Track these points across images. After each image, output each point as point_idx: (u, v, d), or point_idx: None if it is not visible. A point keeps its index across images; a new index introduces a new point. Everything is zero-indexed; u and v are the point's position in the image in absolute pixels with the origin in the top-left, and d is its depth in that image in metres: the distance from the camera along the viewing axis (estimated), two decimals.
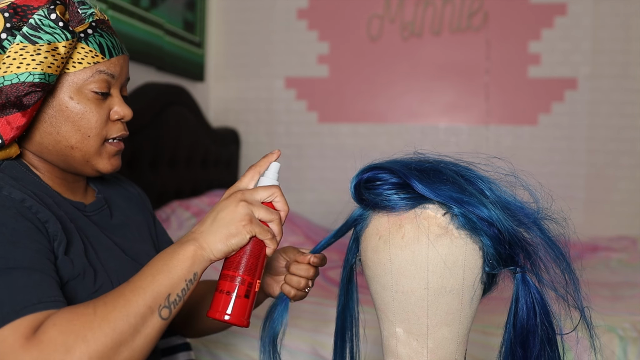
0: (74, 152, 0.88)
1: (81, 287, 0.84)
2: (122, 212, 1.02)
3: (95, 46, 0.86)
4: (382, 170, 0.72)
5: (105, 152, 0.91)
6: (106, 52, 0.87)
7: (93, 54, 0.86)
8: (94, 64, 0.86)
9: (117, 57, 0.88)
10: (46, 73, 0.81)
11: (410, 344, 0.72)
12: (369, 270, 0.75)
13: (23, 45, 0.81)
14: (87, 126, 0.87)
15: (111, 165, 0.92)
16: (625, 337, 1.46)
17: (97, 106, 0.87)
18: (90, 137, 0.87)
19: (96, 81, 0.86)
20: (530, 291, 0.69)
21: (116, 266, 0.90)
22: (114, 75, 0.88)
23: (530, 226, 0.68)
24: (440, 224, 0.69)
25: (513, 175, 0.70)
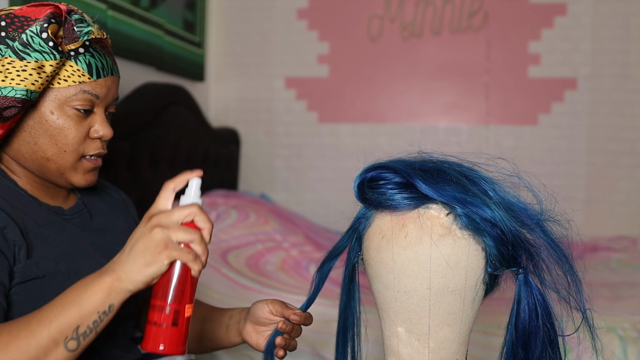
0: (49, 163, 0.89)
1: (49, 289, 0.84)
2: (104, 217, 1.03)
3: (83, 65, 0.87)
4: (385, 169, 0.72)
5: (81, 168, 0.92)
6: (94, 72, 0.88)
7: (80, 73, 0.87)
8: (79, 82, 0.87)
9: (104, 78, 0.89)
10: (29, 90, 0.82)
11: (412, 344, 0.72)
12: (371, 269, 0.75)
13: (11, 60, 0.82)
14: (64, 141, 0.88)
15: (85, 181, 0.93)
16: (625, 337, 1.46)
17: (77, 123, 0.89)
18: (67, 152, 0.89)
19: (79, 99, 0.87)
20: (533, 292, 0.69)
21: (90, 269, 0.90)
22: (99, 96, 0.89)
23: (533, 227, 0.68)
24: (443, 224, 0.69)
25: (517, 176, 0.70)
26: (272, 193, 2.97)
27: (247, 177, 3.04)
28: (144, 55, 2.23)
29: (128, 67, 2.15)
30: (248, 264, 1.89)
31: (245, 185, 3.03)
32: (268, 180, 3.01)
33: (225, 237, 1.98)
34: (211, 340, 1.04)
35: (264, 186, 3.01)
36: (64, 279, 0.87)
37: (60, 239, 0.90)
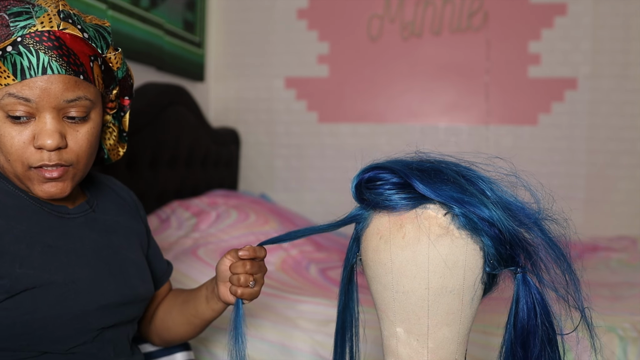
0: (6, 171, 0.85)
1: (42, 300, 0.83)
2: (112, 217, 1.01)
3: (9, 66, 0.78)
4: (383, 170, 0.72)
5: (35, 177, 0.84)
6: (19, 73, 0.78)
7: (5, 75, 0.78)
8: (5, 85, 0.79)
9: (33, 78, 0.78)
10: None
11: (411, 344, 0.72)
12: (370, 270, 0.75)
13: None
14: (5, 150, 0.82)
15: (44, 193, 0.85)
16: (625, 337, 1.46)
17: (15, 131, 0.80)
18: (11, 162, 0.82)
19: (7, 104, 0.79)
20: (531, 291, 0.69)
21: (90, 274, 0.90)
22: (30, 99, 0.79)
23: (531, 227, 0.68)
24: (441, 224, 0.69)
25: (514, 175, 0.70)
26: (272, 193, 2.97)
27: (247, 177, 3.04)
28: (144, 55, 2.23)
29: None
30: None
31: (245, 185, 3.03)
32: (268, 180, 3.01)
33: (225, 237, 1.98)
34: (198, 317, 1.04)
35: (264, 186, 3.01)
36: (60, 289, 0.85)
37: (60, 244, 0.88)
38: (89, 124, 0.87)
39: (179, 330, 1.07)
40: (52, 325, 0.85)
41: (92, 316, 0.89)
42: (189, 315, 1.05)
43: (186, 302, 1.06)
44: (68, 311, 0.86)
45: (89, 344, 0.91)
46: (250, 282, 0.90)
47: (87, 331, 0.89)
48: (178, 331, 1.07)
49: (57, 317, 0.85)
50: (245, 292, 0.90)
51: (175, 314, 1.07)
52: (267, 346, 1.47)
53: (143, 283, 1.01)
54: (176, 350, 1.16)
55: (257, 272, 0.91)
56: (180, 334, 1.08)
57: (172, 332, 1.08)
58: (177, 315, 1.07)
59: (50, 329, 0.85)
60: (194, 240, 1.94)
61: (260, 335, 1.49)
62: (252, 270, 0.90)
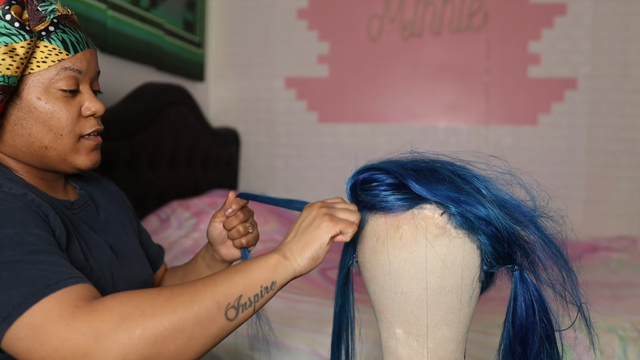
0: (48, 152, 0.87)
1: None
2: (105, 209, 1.02)
3: (58, 43, 0.84)
4: (378, 171, 0.72)
5: (83, 148, 0.89)
6: (70, 48, 0.85)
7: (57, 52, 0.84)
8: (58, 61, 0.84)
9: (82, 52, 0.86)
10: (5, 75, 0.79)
11: (411, 345, 0.72)
12: (367, 271, 0.74)
13: None
14: (58, 125, 0.86)
15: (90, 161, 0.91)
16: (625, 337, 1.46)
17: (67, 104, 0.86)
18: (63, 136, 0.86)
19: (63, 79, 0.84)
20: (529, 289, 0.69)
21: (108, 262, 0.91)
22: (81, 71, 0.87)
23: (527, 224, 0.68)
24: (438, 224, 0.69)
25: (509, 173, 0.70)
26: (272, 193, 2.97)
27: (247, 177, 3.04)
28: (144, 55, 2.23)
29: (128, 67, 2.15)
30: None
31: (245, 185, 3.03)
32: (268, 180, 3.01)
33: None
34: None
35: (264, 186, 3.01)
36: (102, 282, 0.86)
37: (78, 232, 0.88)
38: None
39: None
40: None
41: None
42: None
43: (186, 276, 1.08)
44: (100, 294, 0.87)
45: None
46: (248, 227, 0.97)
47: None
48: None
49: None
50: (249, 238, 0.97)
51: None
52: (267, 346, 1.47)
53: (145, 269, 1.02)
54: None
55: (249, 217, 0.98)
56: None
57: None
58: None
59: None
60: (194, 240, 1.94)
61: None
62: (245, 217, 0.97)
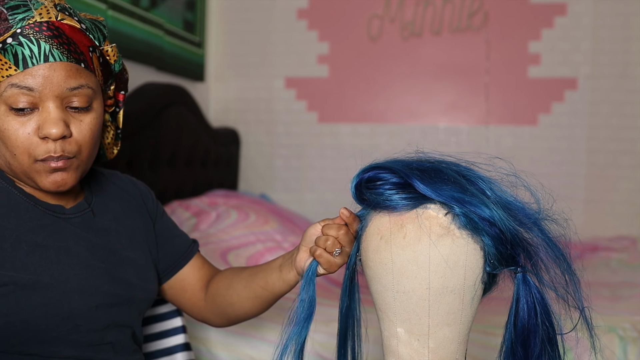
0: (11, 166, 0.84)
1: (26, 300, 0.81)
2: (112, 215, 0.99)
3: (10, 57, 0.78)
4: (383, 169, 0.72)
5: (42, 169, 0.83)
6: (20, 62, 0.78)
7: (6, 66, 0.78)
8: (7, 76, 0.78)
9: (36, 66, 0.78)
10: None
11: (412, 344, 0.72)
12: (370, 270, 0.74)
13: None
14: (9, 144, 0.81)
15: (51, 184, 0.84)
16: (625, 337, 1.46)
17: (19, 124, 0.80)
18: (17, 155, 0.81)
19: (9, 96, 0.78)
20: (531, 291, 0.69)
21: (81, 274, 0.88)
22: (32, 88, 0.79)
23: (530, 226, 0.68)
24: (441, 224, 0.69)
25: (514, 175, 0.70)
26: (272, 193, 2.97)
27: (247, 177, 3.04)
28: (144, 55, 2.23)
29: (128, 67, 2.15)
30: (248, 264, 1.89)
31: (245, 185, 3.03)
32: (268, 180, 3.01)
33: (225, 237, 1.98)
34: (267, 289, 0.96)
35: (264, 186, 3.01)
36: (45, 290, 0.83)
37: (49, 243, 0.86)
38: (92, 114, 0.87)
39: (244, 305, 1.01)
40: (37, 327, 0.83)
41: (82, 318, 0.87)
42: (256, 287, 0.98)
43: (254, 275, 0.99)
44: (54, 312, 0.84)
45: (90, 348, 0.89)
46: (336, 249, 0.81)
47: (78, 334, 0.88)
48: (243, 306, 1.01)
49: (43, 319, 0.83)
50: (324, 255, 0.81)
51: (240, 289, 1.00)
52: (267, 346, 1.47)
53: (141, 283, 0.99)
54: (176, 350, 1.16)
55: (346, 244, 0.82)
56: (245, 310, 1.02)
57: (236, 307, 1.02)
58: (242, 290, 1.00)
59: (35, 331, 0.83)
60: None
61: (260, 336, 1.49)
62: (344, 238, 0.81)
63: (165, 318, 1.19)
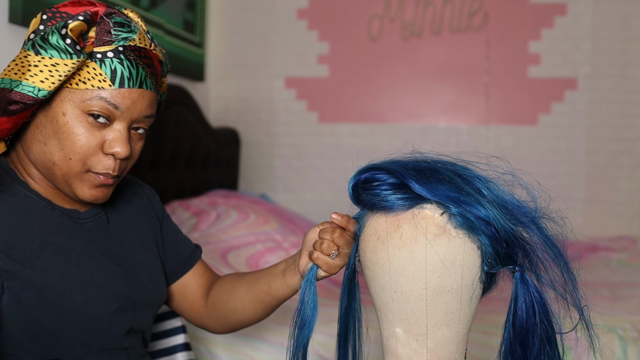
0: (55, 168, 0.83)
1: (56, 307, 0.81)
2: (124, 220, 0.99)
3: (107, 71, 0.80)
4: (379, 170, 0.72)
5: (88, 180, 0.84)
6: (117, 80, 0.81)
7: (101, 78, 0.80)
8: (98, 88, 0.80)
9: (129, 89, 0.82)
10: (36, 87, 0.77)
11: (410, 344, 0.72)
12: (368, 270, 0.75)
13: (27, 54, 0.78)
14: (70, 147, 0.81)
15: (90, 196, 0.85)
16: (625, 337, 1.46)
17: (88, 131, 0.81)
18: (72, 161, 0.82)
19: (94, 106, 0.80)
20: (529, 290, 0.69)
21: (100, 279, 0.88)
22: (118, 107, 0.82)
23: (528, 225, 0.68)
24: (438, 224, 0.69)
25: (511, 174, 0.70)
26: (272, 193, 2.97)
27: (247, 177, 3.04)
28: None
29: None
30: (248, 264, 1.89)
31: (245, 185, 3.03)
32: (268, 180, 3.01)
33: (225, 237, 1.98)
34: (271, 294, 0.97)
35: (264, 186, 3.01)
36: (69, 292, 0.83)
37: (70, 247, 0.86)
38: (143, 140, 0.91)
39: (247, 311, 1.01)
40: (67, 331, 0.83)
41: (106, 322, 0.88)
42: (259, 292, 0.98)
43: (256, 280, 1.00)
44: (82, 317, 0.84)
45: (106, 353, 0.90)
46: (333, 251, 0.83)
47: (103, 338, 0.88)
48: (246, 312, 1.01)
49: (71, 323, 0.83)
50: (321, 258, 0.84)
51: (242, 294, 1.01)
52: (268, 346, 1.47)
53: (154, 286, 0.99)
54: (177, 350, 1.16)
55: (343, 245, 0.84)
56: (248, 315, 1.02)
57: (239, 313, 1.02)
58: (245, 295, 1.00)
59: (65, 336, 0.84)
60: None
61: (260, 336, 1.49)
62: (339, 240, 0.83)
63: (165, 318, 1.19)
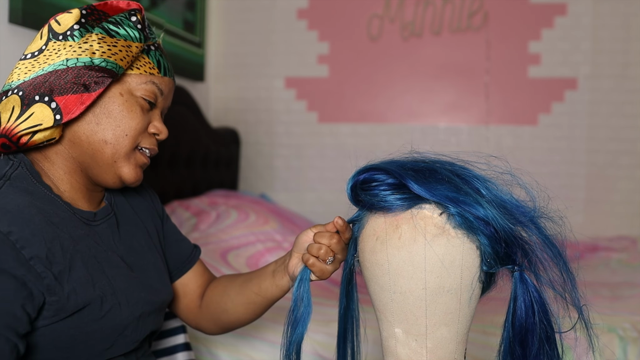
0: (106, 147, 0.87)
1: (88, 317, 0.81)
2: (130, 220, 0.99)
3: (154, 61, 0.91)
4: (378, 171, 0.72)
5: (134, 159, 0.91)
6: (162, 69, 0.92)
7: (151, 66, 0.91)
8: (149, 74, 0.90)
9: (169, 78, 0.94)
10: (118, 64, 0.85)
11: (410, 344, 0.72)
12: (367, 271, 0.75)
13: (102, 36, 0.86)
14: (128, 124, 0.88)
15: (134, 175, 0.91)
16: (625, 337, 1.46)
17: (142, 112, 0.90)
18: (127, 137, 0.88)
19: (147, 89, 0.90)
20: (529, 289, 0.69)
21: (124, 285, 0.88)
22: (163, 92, 0.93)
23: (527, 224, 0.68)
24: (436, 224, 0.69)
25: (509, 173, 0.70)
26: (272, 193, 2.97)
27: (247, 177, 3.04)
28: None
29: None
30: (248, 264, 1.89)
31: (245, 185, 3.03)
32: (268, 180, 3.01)
33: (225, 237, 1.98)
34: (261, 295, 0.98)
35: (264, 186, 3.01)
36: (104, 303, 0.83)
37: (94, 254, 0.85)
38: None
39: (238, 311, 1.02)
40: (93, 339, 0.83)
41: (130, 327, 0.88)
42: (250, 293, 1.00)
43: (248, 281, 1.01)
44: (110, 324, 0.84)
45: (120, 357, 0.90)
46: (329, 257, 0.83)
47: (124, 343, 0.88)
48: (237, 312, 1.03)
49: (99, 331, 0.83)
50: (317, 264, 0.83)
51: (234, 295, 1.02)
52: (267, 346, 1.47)
53: (164, 287, 0.99)
54: (177, 350, 1.16)
55: (339, 252, 0.84)
56: (239, 315, 1.03)
57: (230, 313, 1.03)
58: (236, 296, 1.02)
59: (91, 343, 0.83)
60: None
61: (260, 336, 1.49)
62: (337, 246, 0.83)
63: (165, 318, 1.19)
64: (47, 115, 0.82)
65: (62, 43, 0.85)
